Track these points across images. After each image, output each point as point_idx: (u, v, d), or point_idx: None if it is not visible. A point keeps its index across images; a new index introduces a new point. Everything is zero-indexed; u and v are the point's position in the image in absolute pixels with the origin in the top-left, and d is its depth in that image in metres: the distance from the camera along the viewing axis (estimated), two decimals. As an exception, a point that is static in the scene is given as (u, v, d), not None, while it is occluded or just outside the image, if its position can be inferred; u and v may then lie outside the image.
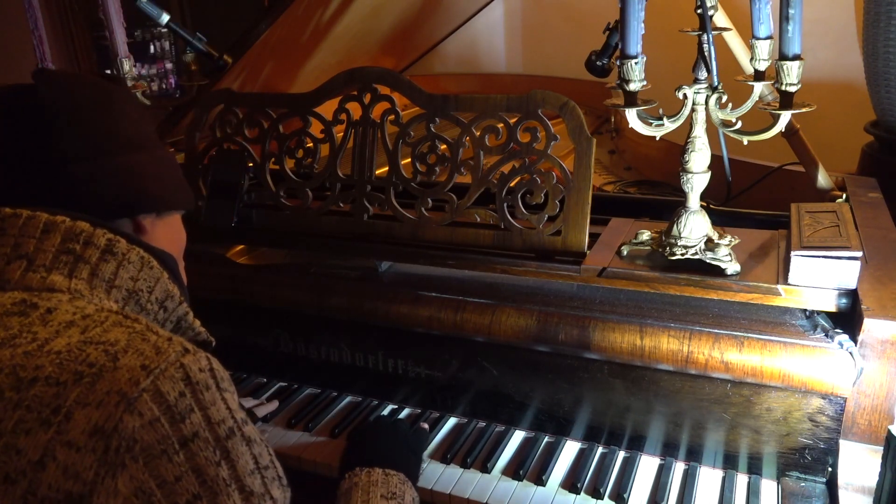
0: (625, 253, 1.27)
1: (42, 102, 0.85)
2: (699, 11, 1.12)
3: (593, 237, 1.32)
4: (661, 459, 1.22)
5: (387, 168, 1.42)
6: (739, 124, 1.15)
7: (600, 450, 1.25)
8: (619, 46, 1.13)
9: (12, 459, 0.64)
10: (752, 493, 1.13)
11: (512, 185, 1.33)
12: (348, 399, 1.44)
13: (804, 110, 1.09)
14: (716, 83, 1.14)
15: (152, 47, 4.52)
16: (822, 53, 2.29)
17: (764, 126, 1.13)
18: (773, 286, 1.14)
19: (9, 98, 0.86)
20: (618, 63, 1.14)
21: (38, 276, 0.79)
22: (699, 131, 1.17)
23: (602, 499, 1.14)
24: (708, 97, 1.15)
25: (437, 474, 1.22)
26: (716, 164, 1.24)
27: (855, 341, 1.04)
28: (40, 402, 0.66)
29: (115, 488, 0.64)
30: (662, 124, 1.17)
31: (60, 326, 0.72)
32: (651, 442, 1.22)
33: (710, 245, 1.19)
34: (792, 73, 1.07)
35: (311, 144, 1.49)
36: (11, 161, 0.85)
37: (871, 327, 1.02)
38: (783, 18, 1.04)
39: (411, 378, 1.37)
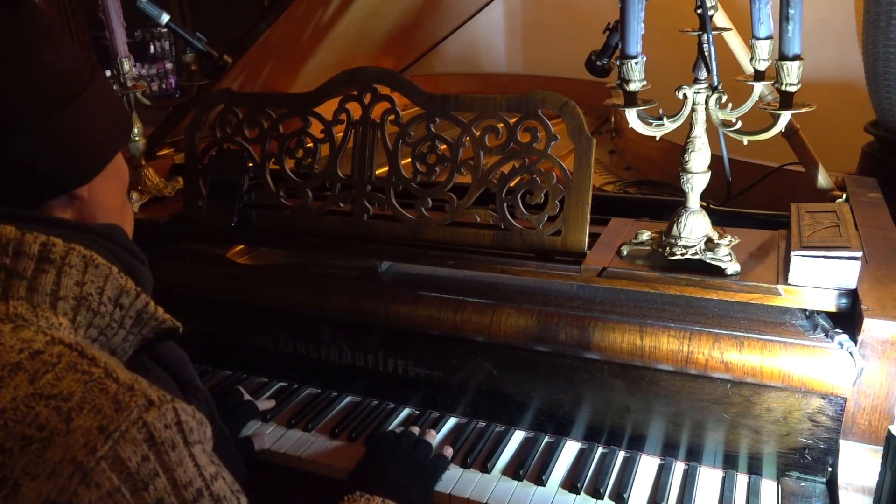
0: (625, 253, 1.27)
1: None
2: (699, 11, 1.12)
3: (593, 237, 1.32)
4: (661, 459, 1.22)
5: (387, 168, 1.42)
6: (739, 124, 1.15)
7: (600, 450, 1.25)
8: (619, 46, 1.13)
9: None
10: (752, 493, 1.13)
11: (512, 185, 1.33)
12: (348, 399, 1.44)
13: (804, 110, 1.09)
14: (716, 83, 1.14)
15: (152, 47, 4.52)
16: (822, 53, 2.29)
17: (764, 126, 1.13)
18: (773, 286, 1.14)
19: None
20: (618, 63, 1.14)
21: None
22: (699, 131, 1.17)
23: (602, 499, 1.14)
24: (708, 97, 1.15)
25: (437, 474, 1.22)
26: (716, 164, 1.24)
27: (855, 341, 1.04)
28: None
29: None
30: (662, 124, 1.17)
31: (5, 371, 0.63)
32: (651, 442, 1.22)
33: (710, 245, 1.19)
34: (792, 73, 1.07)
35: (311, 144, 1.49)
36: None
37: (871, 327, 1.01)
38: (783, 18, 1.04)
39: (411, 378, 1.37)
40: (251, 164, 1.54)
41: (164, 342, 0.87)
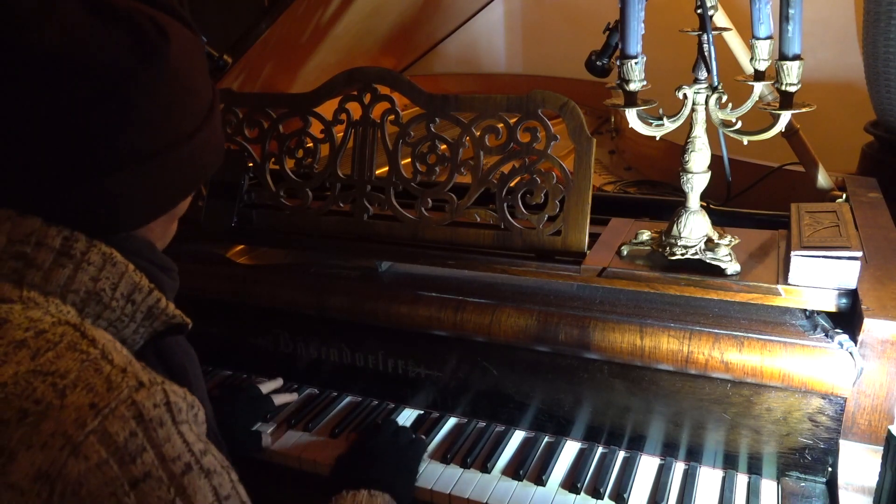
0: (625, 253, 1.27)
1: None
2: (699, 11, 1.12)
3: (593, 237, 1.32)
4: (661, 459, 1.22)
5: (387, 168, 1.42)
6: (739, 124, 1.15)
7: (600, 450, 1.25)
8: (619, 46, 1.13)
9: None
10: (752, 493, 1.13)
11: (512, 185, 1.33)
12: (348, 399, 1.44)
13: (804, 110, 1.09)
14: (716, 83, 1.14)
15: (152, 47, 4.51)
16: (822, 53, 2.29)
17: (764, 126, 1.13)
18: (773, 286, 1.14)
19: None
20: (618, 63, 1.14)
21: None
22: (699, 131, 1.17)
23: (602, 499, 1.14)
24: (708, 97, 1.15)
25: (437, 474, 1.22)
26: (716, 164, 1.24)
27: (855, 341, 1.04)
28: None
29: None
30: (662, 124, 1.17)
31: (10, 347, 0.67)
32: (651, 442, 1.22)
33: (710, 245, 1.19)
34: (792, 73, 1.07)
35: (311, 144, 1.49)
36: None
37: (871, 327, 1.01)
38: (783, 18, 1.04)
39: (411, 378, 1.37)
40: (251, 164, 1.54)
41: (173, 335, 0.90)
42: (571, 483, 1.17)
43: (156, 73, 0.76)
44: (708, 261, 1.18)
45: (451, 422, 1.35)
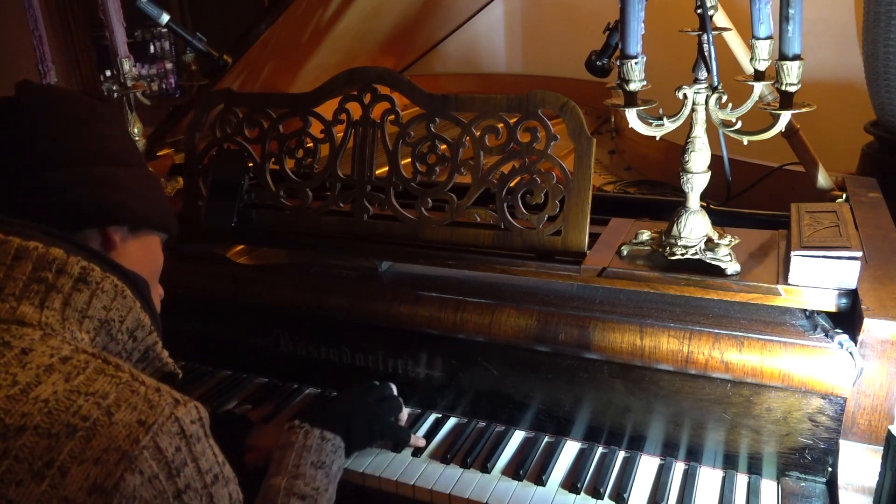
0: (625, 253, 1.27)
1: (21, 110, 0.85)
2: (699, 11, 1.12)
3: (593, 237, 1.32)
4: (661, 459, 1.22)
5: (387, 168, 1.42)
6: (739, 124, 1.15)
7: (600, 450, 1.25)
8: (619, 46, 1.13)
9: None
10: (752, 493, 1.13)
11: (512, 185, 1.33)
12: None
13: (804, 110, 1.09)
14: (716, 83, 1.14)
15: (152, 47, 4.52)
16: (822, 53, 2.29)
17: (764, 126, 1.13)
18: (773, 286, 1.14)
19: None
20: (618, 63, 1.14)
21: (6, 307, 0.76)
22: (699, 131, 1.17)
23: (602, 499, 1.14)
24: (708, 97, 1.15)
25: (437, 474, 1.22)
26: (716, 164, 1.24)
27: (855, 341, 1.04)
28: (31, 453, 0.65)
29: None
30: (662, 124, 1.17)
31: (40, 370, 0.70)
32: (651, 442, 1.22)
33: (710, 245, 1.19)
34: (792, 73, 1.07)
35: (311, 144, 1.49)
36: None
37: (871, 327, 1.01)
38: (783, 18, 1.04)
39: (411, 378, 1.37)
40: (251, 164, 1.54)
41: None
42: (571, 483, 1.17)
43: (111, 112, 0.97)
44: (708, 261, 1.18)
45: (451, 422, 1.35)
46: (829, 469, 1.10)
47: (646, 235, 1.27)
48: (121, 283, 0.84)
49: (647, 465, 1.21)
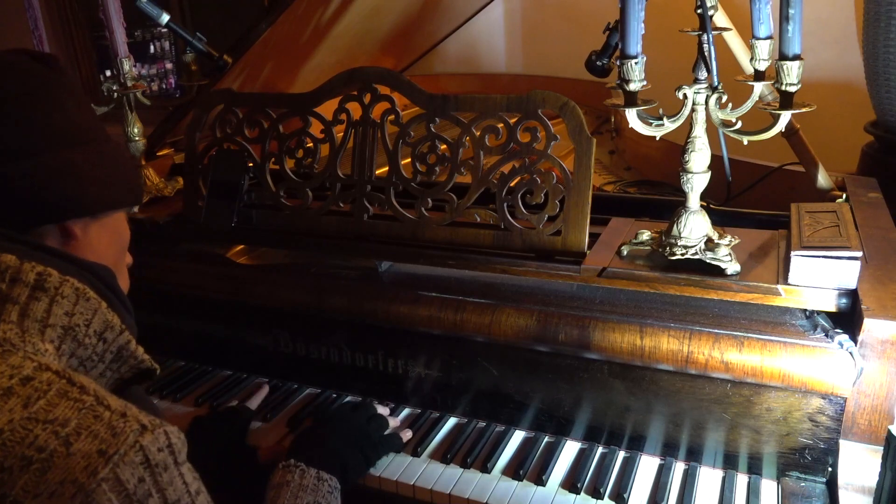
0: (625, 253, 1.27)
1: None
2: (699, 11, 1.12)
3: (593, 237, 1.32)
4: (662, 459, 1.22)
5: (387, 168, 1.42)
6: (739, 124, 1.15)
7: (600, 450, 1.25)
8: (619, 46, 1.13)
9: None
10: (752, 493, 1.13)
11: (512, 185, 1.33)
12: (348, 399, 1.44)
13: (804, 110, 1.09)
14: (716, 83, 1.14)
15: (152, 47, 4.52)
16: (822, 53, 2.29)
17: (764, 126, 1.13)
18: (773, 286, 1.14)
19: None
20: (618, 63, 1.14)
21: None
22: (699, 131, 1.17)
23: (602, 499, 1.14)
24: (708, 97, 1.15)
25: (437, 474, 1.22)
26: (716, 164, 1.24)
27: (855, 341, 1.04)
28: None
29: None
30: (662, 124, 1.17)
31: None
32: (651, 442, 1.22)
33: (710, 245, 1.19)
34: (792, 73, 1.07)
35: (311, 144, 1.49)
36: None
37: (871, 327, 1.01)
38: (783, 18, 1.04)
39: (411, 378, 1.37)
40: (251, 164, 1.54)
41: (138, 383, 0.89)
42: (571, 483, 1.18)
43: (60, 79, 0.87)
44: (708, 261, 1.18)
45: (451, 422, 1.35)
46: (829, 469, 1.10)
47: (646, 235, 1.27)
48: (81, 286, 0.80)
49: (647, 465, 1.21)
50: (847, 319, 1.09)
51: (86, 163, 0.85)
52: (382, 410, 1.34)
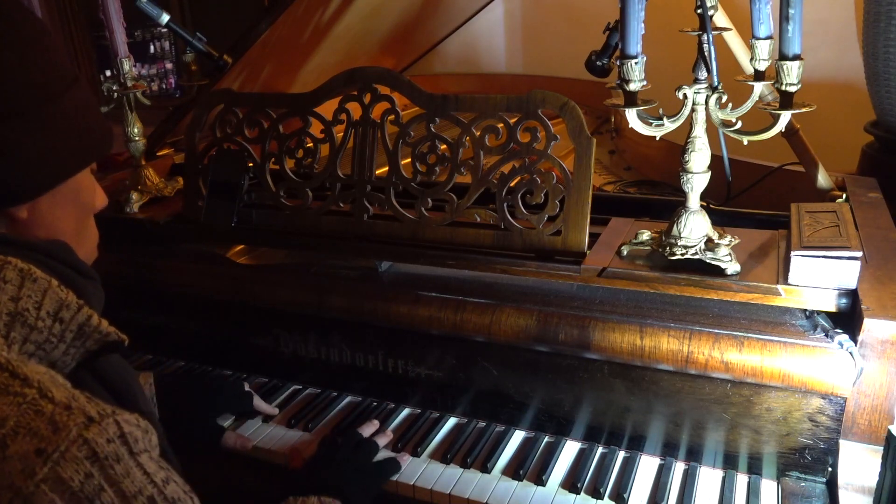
0: (625, 253, 1.27)
1: None
2: (699, 11, 1.12)
3: (593, 237, 1.32)
4: (661, 459, 1.22)
5: (387, 168, 1.42)
6: (739, 124, 1.15)
7: (600, 450, 1.25)
8: (619, 46, 1.13)
9: None
10: (752, 493, 1.13)
11: (512, 185, 1.33)
12: (348, 399, 1.44)
13: (804, 110, 1.09)
14: (716, 83, 1.14)
15: (152, 47, 4.52)
16: (822, 53, 2.29)
17: (764, 126, 1.13)
18: (773, 286, 1.14)
19: None
20: (618, 63, 1.14)
21: None
22: (699, 131, 1.17)
23: (602, 499, 1.14)
24: (708, 97, 1.15)
25: (437, 474, 1.22)
26: (716, 164, 1.24)
27: (855, 341, 1.04)
28: None
29: None
30: (662, 124, 1.17)
31: None
32: (651, 442, 1.22)
33: (710, 245, 1.19)
34: (792, 73, 1.07)
35: (311, 144, 1.49)
36: None
37: (871, 327, 1.01)
38: (783, 18, 1.04)
39: (411, 378, 1.37)
40: (251, 164, 1.54)
41: (108, 355, 0.83)
42: (571, 483, 1.18)
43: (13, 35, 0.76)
44: (708, 261, 1.18)
45: (451, 422, 1.35)
46: (829, 469, 1.10)
47: (646, 235, 1.27)
48: (26, 266, 0.74)
49: (647, 465, 1.21)
50: (847, 319, 1.09)
51: (29, 136, 0.76)
52: (369, 428, 1.30)
